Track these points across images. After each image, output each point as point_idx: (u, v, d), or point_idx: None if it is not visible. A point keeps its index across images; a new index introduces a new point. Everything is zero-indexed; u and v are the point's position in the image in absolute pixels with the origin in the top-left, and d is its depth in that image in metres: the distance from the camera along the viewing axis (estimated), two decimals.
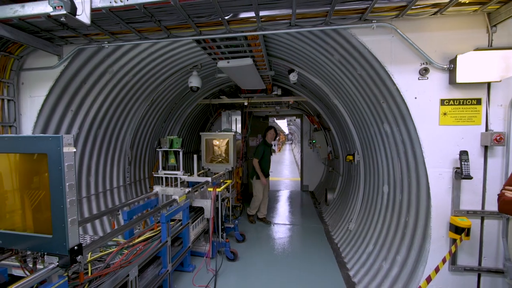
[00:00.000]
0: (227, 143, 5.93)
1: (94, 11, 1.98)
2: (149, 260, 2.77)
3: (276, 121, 14.30)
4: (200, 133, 5.94)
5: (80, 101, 3.48)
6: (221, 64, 3.46)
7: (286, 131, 31.04)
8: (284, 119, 13.28)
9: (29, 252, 1.73)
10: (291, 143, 42.91)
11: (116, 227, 2.87)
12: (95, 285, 2.06)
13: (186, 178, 4.11)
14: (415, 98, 2.24)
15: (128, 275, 2.28)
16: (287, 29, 2.38)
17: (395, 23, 2.21)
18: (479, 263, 2.22)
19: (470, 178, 2.07)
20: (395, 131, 2.66)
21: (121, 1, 1.90)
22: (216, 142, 6.12)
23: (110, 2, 1.93)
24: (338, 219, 5.12)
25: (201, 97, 6.52)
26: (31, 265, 1.72)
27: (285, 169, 15.52)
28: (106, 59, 3.31)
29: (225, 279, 3.45)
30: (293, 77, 4.21)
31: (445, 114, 2.20)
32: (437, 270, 1.81)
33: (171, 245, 3.13)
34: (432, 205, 2.23)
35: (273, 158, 8.08)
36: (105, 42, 2.72)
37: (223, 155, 6.06)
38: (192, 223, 3.85)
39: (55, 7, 1.79)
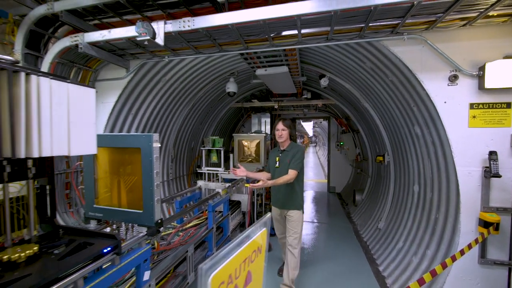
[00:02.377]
0: (257, 144, 6.33)
1: (166, 34, 2.45)
2: (198, 243, 3.20)
3: (302, 123, 14.48)
4: (233, 134, 6.40)
5: (139, 106, 4.06)
6: (259, 72, 3.85)
7: (310, 133, 30.82)
8: (310, 121, 13.42)
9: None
10: (315, 146, 42.43)
11: (171, 213, 3.36)
12: (164, 256, 2.53)
13: (225, 174, 4.55)
14: (445, 102, 2.42)
15: (187, 251, 2.72)
16: (324, 43, 2.69)
17: (425, 34, 2.42)
18: (510, 258, 2.33)
19: (499, 176, 2.21)
20: (426, 133, 2.84)
21: (189, 26, 2.35)
22: (246, 143, 6.54)
23: (179, 27, 2.39)
24: (366, 219, 5.25)
25: (233, 101, 7.00)
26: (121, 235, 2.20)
27: (310, 171, 15.58)
28: (161, 70, 3.86)
29: None
30: (324, 82, 4.48)
31: (474, 117, 2.36)
32: (462, 252, 1.99)
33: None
34: (462, 201, 2.39)
35: None
36: (166, 57, 3.24)
37: (253, 155, 6.46)
38: (231, 215, 4.26)
39: (140, 34, 2.28)
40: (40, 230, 1.82)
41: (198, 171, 4.69)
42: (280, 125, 2.87)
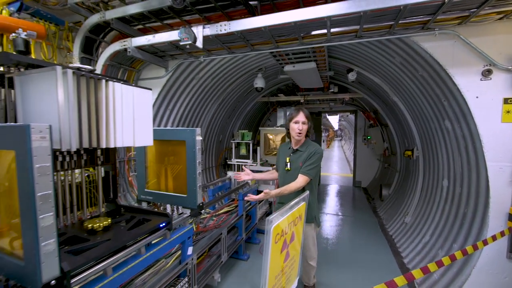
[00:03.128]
0: (283, 138, 6.49)
1: (204, 38, 2.70)
2: (230, 228, 3.51)
3: (328, 116, 14.28)
4: (260, 128, 6.61)
5: (175, 102, 4.42)
6: (288, 68, 3.99)
7: (336, 126, 30.13)
8: (336, 115, 13.21)
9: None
10: (341, 139, 41.37)
11: (205, 200, 3.69)
12: (201, 237, 2.86)
13: (253, 166, 4.81)
14: (477, 97, 2.40)
15: (221, 234, 3.03)
16: (353, 40, 2.76)
17: (458, 29, 2.39)
18: None
19: None
20: (456, 128, 2.82)
21: (225, 30, 2.58)
22: (271, 136, 6.73)
23: (216, 31, 2.62)
24: (393, 213, 5.24)
25: (260, 95, 7.20)
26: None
27: (334, 165, 15.42)
28: (195, 68, 4.16)
29: None
30: (351, 76, 4.50)
31: (508, 112, 2.32)
32: (485, 242, 2.03)
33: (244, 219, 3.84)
34: (491, 196, 2.39)
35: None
36: (201, 57, 3.52)
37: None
38: (258, 204, 4.53)
39: (183, 39, 2.55)
40: (106, 208, 2.21)
41: (228, 162, 4.99)
42: (301, 117, 2.23)
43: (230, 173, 4.51)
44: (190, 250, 2.33)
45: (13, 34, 3.05)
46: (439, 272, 2.94)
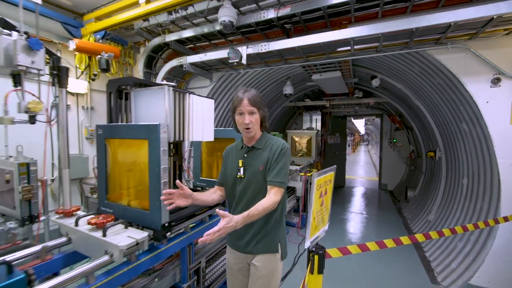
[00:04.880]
0: (309, 140, 6.94)
1: (248, 55, 3.31)
2: None
3: (353, 120, 14.35)
4: (287, 131, 7.12)
5: (215, 107, 5.11)
6: (315, 77, 4.48)
7: (362, 131, 29.54)
8: (362, 118, 13.27)
9: None
10: (367, 144, 40.24)
11: None
12: None
13: None
14: (487, 102, 2.71)
15: None
16: (374, 54, 3.20)
17: (468, 43, 2.74)
18: None
19: None
20: (472, 129, 3.11)
21: (265, 49, 3.16)
22: (297, 138, 7.20)
23: (258, 50, 3.22)
24: (417, 213, 5.43)
25: (287, 100, 7.72)
26: None
27: (360, 169, 15.34)
28: (234, 78, 4.81)
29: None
30: (375, 82, 4.86)
31: None
32: (496, 221, 2.33)
33: None
34: (502, 190, 2.67)
35: (348, 159, 7.95)
36: (241, 70, 4.15)
37: (304, 149, 7.10)
38: (287, 198, 5.03)
39: (231, 57, 3.18)
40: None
41: None
42: (245, 105, 1.49)
43: None
44: None
45: (99, 56, 3.93)
46: (457, 261, 3.23)
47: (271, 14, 3.00)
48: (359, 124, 19.90)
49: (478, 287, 2.77)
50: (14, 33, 1.62)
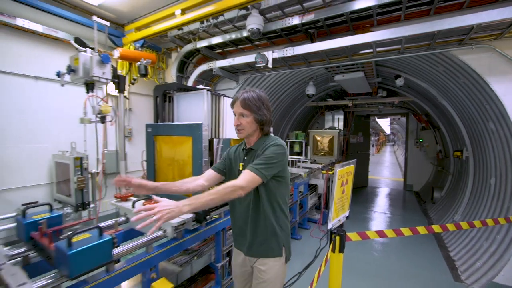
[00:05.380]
0: (331, 140, 7.02)
1: (273, 59, 3.55)
2: None
3: (378, 119, 14.02)
4: (309, 130, 7.25)
5: None
6: (338, 77, 4.61)
7: (387, 130, 28.52)
8: (386, 118, 12.95)
9: None
10: (393, 144, 38.70)
11: None
12: None
13: (306, 164, 5.51)
14: None
15: None
16: (396, 55, 3.29)
17: (494, 43, 2.74)
18: None
19: None
20: (499, 129, 3.09)
21: (290, 53, 3.38)
22: (318, 138, 7.30)
23: (283, 54, 3.45)
24: (443, 214, 5.34)
25: (309, 100, 7.83)
26: None
27: (385, 170, 14.94)
28: (258, 80, 5.07)
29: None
30: (399, 82, 4.87)
31: None
32: None
33: None
34: None
35: (372, 159, 7.93)
36: (266, 72, 4.40)
37: (326, 149, 7.18)
38: (309, 195, 5.20)
39: (258, 62, 3.44)
40: None
41: None
42: (237, 107, 1.50)
43: None
44: None
45: (138, 63, 4.36)
46: (482, 261, 3.23)
47: (295, 20, 3.21)
48: (384, 124, 19.29)
49: (503, 286, 2.78)
50: (88, 50, 2.01)
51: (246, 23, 3.26)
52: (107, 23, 2.53)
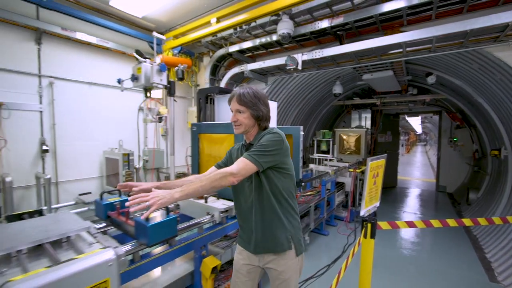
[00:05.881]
0: (357, 138, 6.99)
1: (303, 62, 3.73)
2: (314, 207, 4.40)
3: (408, 118, 13.49)
4: (335, 129, 7.29)
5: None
6: (366, 76, 4.65)
7: (419, 130, 27.09)
8: (417, 116, 12.42)
9: None
10: (425, 144, 36.63)
11: None
12: None
13: (333, 162, 5.60)
14: None
15: (310, 207, 3.98)
16: (427, 54, 3.30)
17: None
18: None
19: None
20: None
21: (319, 55, 3.54)
22: (344, 137, 7.29)
23: (312, 56, 3.61)
24: (479, 216, 5.13)
25: (336, 99, 7.85)
26: None
27: (416, 170, 14.31)
28: (286, 81, 5.26)
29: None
30: (431, 80, 4.79)
31: None
32: None
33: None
34: None
35: (401, 160, 7.61)
36: (294, 74, 4.58)
37: (353, 148, 7.16)
38: (336, 193, 5.29)
39: (288, 64, 3.63)
40: None
41: (310, 156, 5.93)
42: (233, 104, 1.53)
43: (311, 165, 5.42)
44: None
45: (176, 68, 4.76)
46: None
47: (325, 24, 3.37)
48: (415, 122, 18.42)
49: None
50: (147, 60, 2.36)
51: (277, 28, 3.48)
52: (163, 37, 2.88)
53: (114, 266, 1.12)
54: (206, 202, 2.15)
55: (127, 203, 1.24)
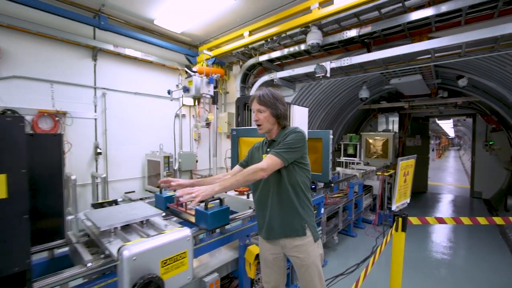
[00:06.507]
0: (384, 142, 6.95)
1: (331, 69, 3.92)
2: (342, 209, 4.51)
3: (438, 121, 12.95)
4: (361, 133, 7.30)
5: None
6: (393, 81, 4.72)
7: (451, 133, 25.63)
8: (449, 119, 11.91)
9: None
10: (459, 149, 34.43)
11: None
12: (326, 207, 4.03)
13: (360, 166, 5.66)
14: None
15: (338, 207, 4.12)
16: (457, 59, 3.35)
17: None
18: None
19: None
20: None
21: (347, 62, 3.72)
22: (371, 141, 7.27)
23: (340, 64, 3.80)
24: None
25: (361, 103, 7.86)
26: None
27: (448, 176, 13.61)
28: (314, 87, 5.46)
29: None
30: (462, 82, 4.74)
31: None
32: None
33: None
34: None
35: (432, 165, 7.33)
36: (322, 80, 4.78)
37: (379, 152, 7.12)
38: (364, 195, 5.34)
39: (317, 72, 3.85)
40: None
41: (337, 160, 6.03)
42: (254, 105, 1.69)
43: (338, 168, 5.53)
44: (323, 210, 3.54)
45: (210, 77, 5.12)
46: None
47: (353, 33, 3.55)
48: (446, 126, 17.53)
49: None
50: (196, 74, 2.73)
51: (307, 39, 3.73)
52: (210, 53, 3.23)
53: (190, 241, 1.42)
54: (248, 197, 2.43)
55: (177, 193, 1.47)
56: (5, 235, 1.01)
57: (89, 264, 1.32)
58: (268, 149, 1.69)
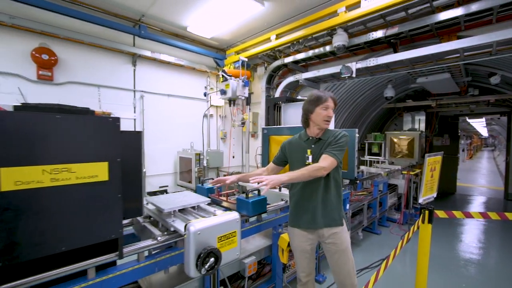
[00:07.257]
0: (410, 141, 6.85)
1: (356, 70, 4.03)
2: (367, 206, 4.59)
3: (469, 120, 12.35)
4: (386, 132, 7.24)
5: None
6: (420, 80, 4.70)
7: (484, 133, 24.12)
8: (481, 118, 11.33)
9: None
10: (493, 150, 32.24)
11: None
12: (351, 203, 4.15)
13: (384, 165, 5.67)
14: None
15: (363, 204, 4.22)
16: (487, 58, 3.32)
17: None
18: None
19: None
20: None
21: (373, 63, 3.81)
22: (395, 140, 7.17)
23: (366, 64, 3.90)
24: None
25: (386, 102, 7.78)
26: None
27: (481, 178, 12.91)
28: (338, 87, 5.56)
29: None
30: (494, 80, 4.61)
31: None
32: None
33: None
34: None
35: (462, 166, 7.01)
36: (346, 81, 4.88)
37: (404, 151, 7.02)
38: (389, 194, 5.36)
39: (343, 73, 3.98)
40: None
41: (361, 158, 6.08)
42: (331, 102, 1.83)
43: (362, 167, 5.58)
44: (347, 206, 3.67)
45: (238, 79, 5.38)
46: None
47: (379, 34, 3.64)
48: (478, 125, 16.58)
49: None
50: (232, 77, 3.00)
51: (333, 41, 3.86)
52: (245, 59, 3.50)
53: (239, 223, 1.67)
54: (280, 190, 2.65)
55: (251, 180, 1.70)
56: (107, 209, 1.31)
57: (159, 238, 1.61)
58: (313, 145, 1.88)
